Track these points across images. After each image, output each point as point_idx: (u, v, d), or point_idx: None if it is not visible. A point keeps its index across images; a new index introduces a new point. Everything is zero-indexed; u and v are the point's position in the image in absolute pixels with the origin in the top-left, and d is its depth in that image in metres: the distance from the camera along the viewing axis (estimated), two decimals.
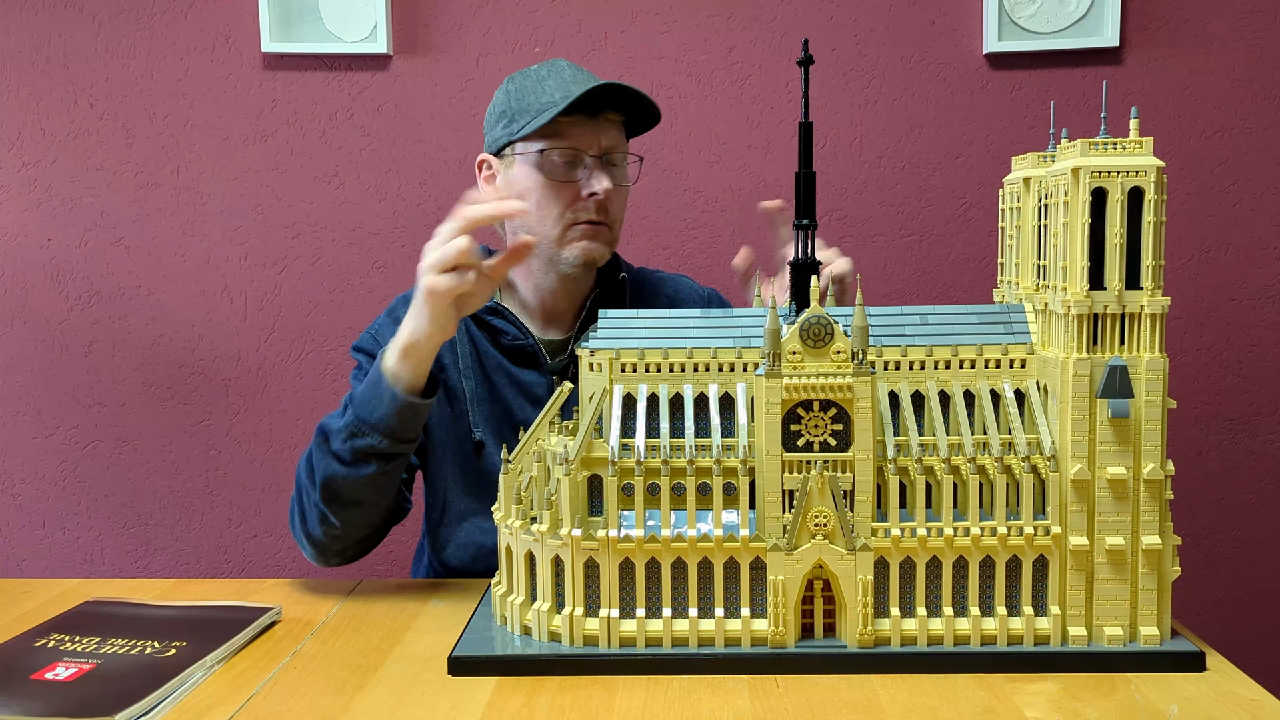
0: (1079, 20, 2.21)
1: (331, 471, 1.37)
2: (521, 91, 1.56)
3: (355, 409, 1.36)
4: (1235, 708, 1.03)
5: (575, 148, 1.51)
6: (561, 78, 1.55)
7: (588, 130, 1.52)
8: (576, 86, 1.52)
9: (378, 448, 1.35)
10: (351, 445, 1.36)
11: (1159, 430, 1.11)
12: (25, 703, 1.07)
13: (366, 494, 1.39)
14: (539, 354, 1.59)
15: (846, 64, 2.27)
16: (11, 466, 2.42)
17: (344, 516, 1.40)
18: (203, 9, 2.30)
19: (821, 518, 1.11)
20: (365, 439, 1.35)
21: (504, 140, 1.55)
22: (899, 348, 1.20)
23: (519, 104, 1.54)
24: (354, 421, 1.35)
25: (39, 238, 2.37)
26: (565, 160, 1.52)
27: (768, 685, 1.09)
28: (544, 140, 1.51)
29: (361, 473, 1.37)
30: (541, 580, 1.17)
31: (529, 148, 1.53)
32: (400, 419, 1.35)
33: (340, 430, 1.36)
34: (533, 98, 1.54)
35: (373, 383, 1.36)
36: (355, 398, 1.37)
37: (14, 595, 1.43)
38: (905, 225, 2.30)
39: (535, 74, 1.57)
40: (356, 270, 2.35)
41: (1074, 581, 1.13)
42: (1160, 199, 1.11)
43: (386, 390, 1.34)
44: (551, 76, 1.56)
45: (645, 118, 1.60)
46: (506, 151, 1.56)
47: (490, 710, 1.05)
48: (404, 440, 1.37)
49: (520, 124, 1.53)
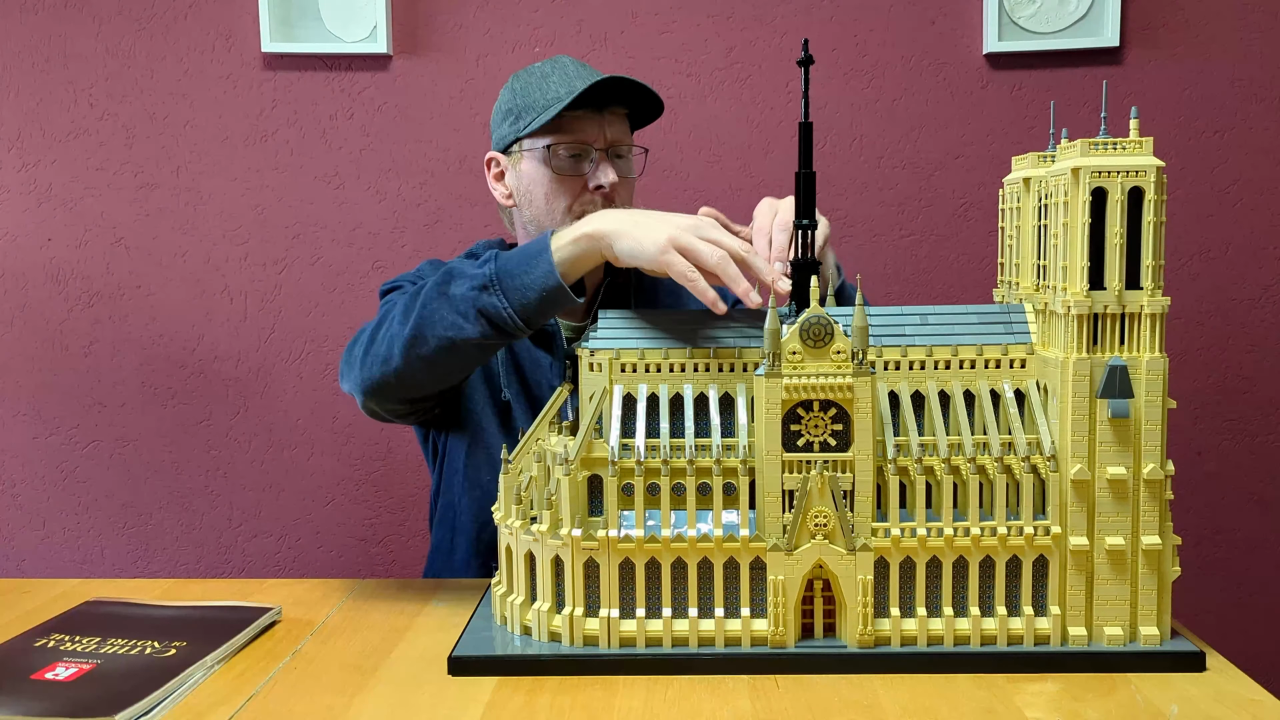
0: (1079, 20, 2.21)
1: (438, 314, 1.29)
2: (526, 89, 1.57)
3: (501, 264, 1.27)
4: (1235, 708, 1.03)
5: (581, 142, 1.53)
6: (565, 73, 1.57)
7: (593, 124, 1.54)
8: (580, 81, 1.54)
9: (500, 313, 1.25)
10: (477, 297, 1.26)
11: (1159, 430, 1.11)
12: (25, 703, 1.07)
13: (450, 357, 1.31)
14: (558, 336, 1.61)
15: (846, 64, 2.27)
16: (11, 466, 2.42)
17: (413, 366, 1.32)
18: (203, 9, 2.30)
19: (821, 518, 1.11)
20: (494, 298, 1.26)
21: (511, 137, 1.57)
22: (899, 348, 1.20)
23: (524, 101, 1.56)
24: (494, 275, 1.26)
25: (39, 238, 2.37)
26: (571, 154, 1.54)
27: (768, 685, 1.09)
28: (550, 136, 1.53)
29: (465, 330, 1.27)
30: (541, 580, 1.17)
31: (535, 144, 1.55)
32: (543, 298, 1.25)
33: (473, 276, 1.27)
34: (538, 94, 1.55)
35: (530, 251, 1.27)
36: (503, 258, 1.27)
37: (14, 595, 1.43)
38: (905, 225, 2.30)
39: (539, 71, 1.59)
40: (356, 270, 2.35)
41: (1074, 581, 1.13)
42: (1160, 199, 1.11)
43: (544, 263, 1.24)
44: (556, 73, 1.57)
45: (649, 110, 1.62)
46: (514, 148, 1.58)
47: (490, 710, 1.05)
48: (524, 321, 1.26)
49: (526, 120, 1.55)
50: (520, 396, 1.60)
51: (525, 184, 1.58)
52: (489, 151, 1.64)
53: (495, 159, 1.63)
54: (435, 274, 1.34)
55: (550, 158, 1.54)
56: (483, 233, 2.28)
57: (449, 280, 1.31)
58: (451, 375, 1.41)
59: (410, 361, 1.33)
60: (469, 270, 1.29)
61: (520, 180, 1.58)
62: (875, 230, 2.30)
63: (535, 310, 1.27)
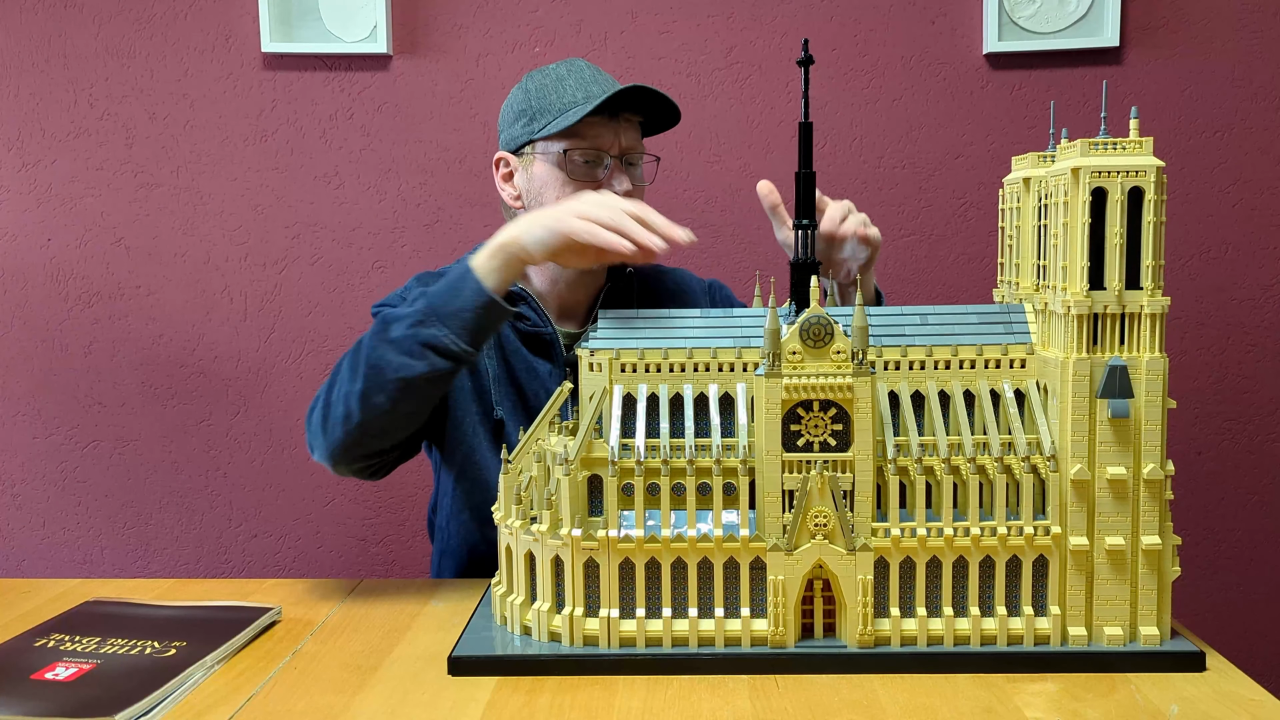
0: (1079, 20, 2.21)
1: (384, 360, 1.31)
2: (542, 90, 1.56)
3: (429, 299, 1.32)
4: (1235, 708, 1.03)
5: (596, 148, 1.53)
6: (581, 77, 1.56)
7: (608, 131, 1.53)
8: (597, 87, 1.54)
9: (443, 342, 1.29)
10: (415, 334, 1.30)
11: (1159, 430, 1.11)
12: (25, 703, 1.07)
13: (413, 394, 1.33)
14: (556, 344, 1.60)
15: (846, 64, 2.27)
16: (11, 466, 2.42)
17: (374, 416, 1.33)
18: (203, 9, 2.30)
19: (821, 518, 1.11)
20: (433, 329, 1.29)
21: (524, 138, 1.56)
22: (899, 348, 1.20)
23: (539, 103, 1.55)
24: (426, 309, 1.30)
25: (39, 238, 2.37)
26: (586, 160, 1.53)
27: (768, 685, 1.09)
28: (565, 140, 1.53)
29: (415, 367, 1.30)
30: (541, 580, 1.17)
31: (550, 147, 1.54)
32: (478, 315, 1.30)
33: (407, 317, 1.31)
34: (554, 97, 1.55)
35: (454, 278, 1.32)
36: (430, 291, 1.33)
37: (14, 595, 1.43)
38: (905, 225, 2.30)
39: (554, 73, 1.58)
40: (356, 270, 2.35)
41: (1074, 581, 1.13)
42: (1160, 199, 1.11)
43: (471, 283, 1.30)
44: (571, 76, 1.57)
45: (663, 119, 1.61)
46: (526, 150, 1.57)
47: (490, 710, 1.05)
48: (471, 344, 1.31)
49: (541, 123, 1.54)
50: (516, 411, 1.58)
51: (537, 186, 1.56)
52: (498, 151, 1.63)
53: (505, 159, 1.61)
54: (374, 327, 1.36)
55: (565, 162, 1.53)
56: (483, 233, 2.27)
57: (386, 327, 1.34)
58: (412, 418, 1.39)
59: (369, 412, 1.34)
60: (402, 313, 1.33)
61: (531, 182, 1.57)
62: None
63: (474, 329, 1.31)
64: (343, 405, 1.35)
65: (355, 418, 1.34)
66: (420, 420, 1.41)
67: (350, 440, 1.37)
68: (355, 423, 1.34)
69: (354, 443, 1.37)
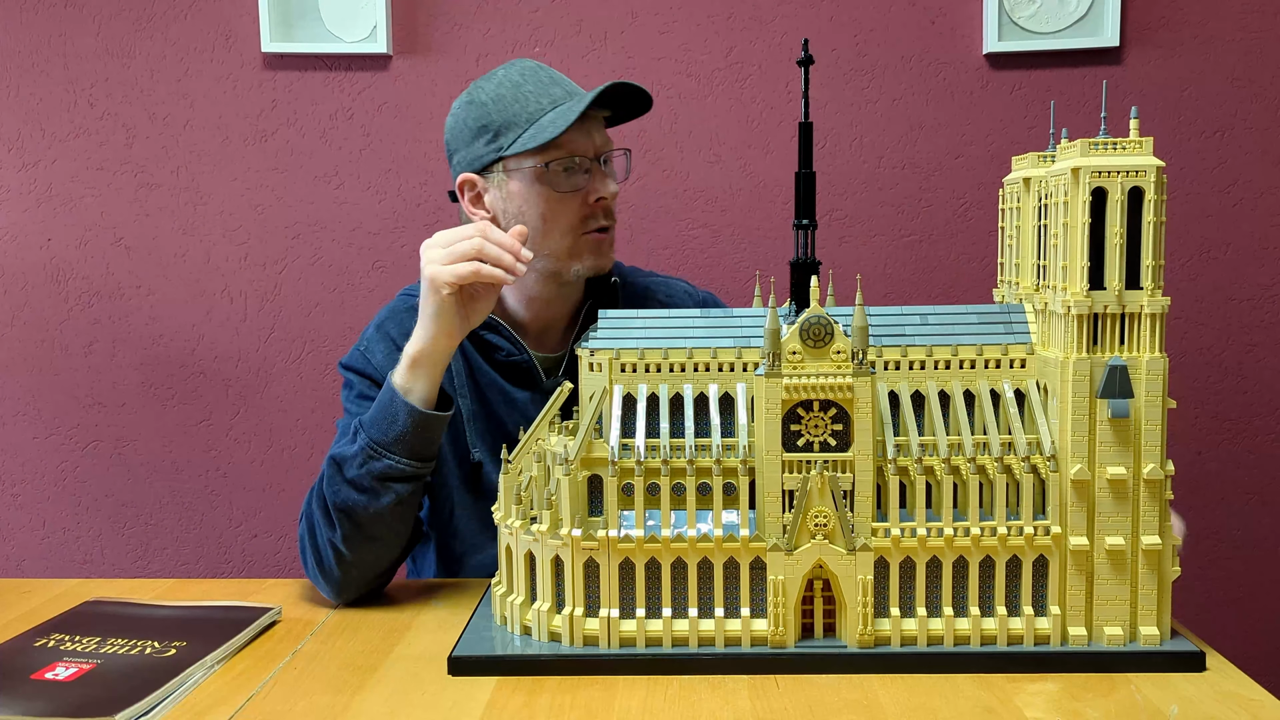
0: (1079, 20, 2.21)
1: (350, 502, 1.32)
2: (501, 102, 1.47)
3: (367, 431, 1.31)
4: (1235, 708, 1.03)
5: (574, 154, 1.46)
6: (538, 81, 1.49)
7: (581, 134, 1.46)
8: (559, 89, 1.47)
9: (397, 469, 1.31)
10: (369, 470, 1.30)
11: (1159, 430, 1.11)
12: (25, 703, 1.07)
13: (387, 524, 1.34)
14: (535, 371, 1.55)
15: (846, 64, 2.27)
16: (11, 466, 2.42)
17: (364, 551, 1.34)
18: (203, 9, 2.30)
19: (821, 518, 1.11)
20: (383, 460, 1.30)
21: (491, 156, 1.47)
22: (899, 348, 1.20)
23: (503, 116, 1.47)
24: (368, 444, 1.31)
25: (39, 238, 2.37)
26: (565, 169, 1.46)
27: (768, 685, 1.09)
28: (541, 153, 1.45)
29: (382, 500, 1.32)
30: (541, 580, 1.17)
31: (524, 163, 1.46)
32: (417, 434, 1.31)
33: (355, 456, 1.31)
34: (518, 108, 1.46)
35: (384, 402, 1.32)
36: (366, 421, 1.32)
37: (14, 595, 1.43)
38: (905, 225, 2.30)
39: (508, 80, 1.49)
40: (356, 270, 2.35)
41: (1074, 581, 1.13)
42: (1160, 199, 1.11)
43: (400, 405, 1.30)
44: (527, 81, 1.48)
45: (631, 109, 1.55)
46: (495, 168, 1.48)
47: (490, 710, 1.05)
48: (423, 458, 1.33)
49: (511, 138, 1.46)
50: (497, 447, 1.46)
51: (516, 205, 1.47)
52: (458, 174, 1.52)
53: (471, 181, 1.51)
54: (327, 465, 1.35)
55: (546, 175, 1.45)
56: None
57: (339, 469, 1.33)
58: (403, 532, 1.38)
59: (360, 550, 1.34)
60: (348, 452, 1.32)
61: (509, 202, 1.48)
62: (875, 230, 2.30)
63: (423, 444, 1.33)
64: (331, 551, 1.34)
65: (348, 555, 1.33)
66: (407, 533, 1.39)
67: (355, 576, 1.36)
68: (351, 562, 1.34)
69: (360, 575, 1.36)
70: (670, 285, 1.68)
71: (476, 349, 1.55)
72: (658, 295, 1.66)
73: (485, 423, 1.54)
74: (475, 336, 1.54)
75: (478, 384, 1.55)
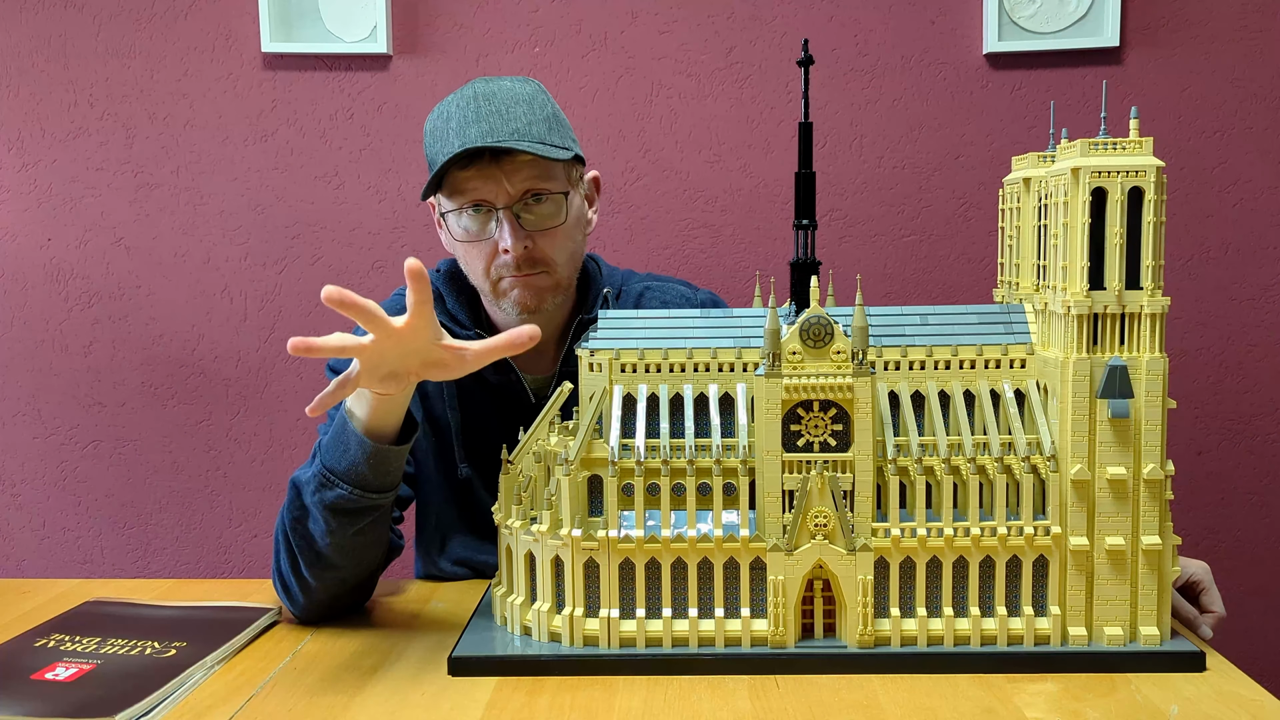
0: (1079, 20, 2.21)
1: (306, 530, 1.27)
2: (432, 134, 1.43)
3: (322, 456, 1.25)
4: (1235, 708, 1.03)
5: (481, 201, 1.38)
6: (464, 118, 1.39)
7: (490, 181, 1.37)
8: (475, 129, 1.37)
9: (349, 499, 1.23)
10: (321, 498, 1.24)
11: (1159, 430, 1.11)
12: (25, 703, 1.07)
13: (346, 554, 1.28)
14: (524, 393, 1.52)
15: (846, 64, 2.27)
16: (11, 466, 2.42)
17: (325, 579, 1.29)
18: (203, 9, 2.30)
19: (821, 518, 1.11)
20: (335, 490, 1.23)
21: (429, 190, 1.43)
22: (899, 348, 1.20)
23: (430, 151, 1.43)
24: (322, 471, 1.24)
25: (39, 238, 2.37)
26: (473, 217, 1.39)
27: (768, 685, 1.09)
28: (449, 198, 1.40)
29: (335, 527, 1.25)
30: (541, 580, 1.17)
31: (441, 204, 1.43)
32: (371, 467, 1.22)
33: (309, 481, 1.25)
34: (437, 146, 1.40)
35: (339, 428, 1.24)
36: (323, 445, 1.26)
37: (14, 595, 1.43)
38: (905, 225, 2.30)
39: (443, 111, 1.43)
40: (356, 270, 2.35)
41: (1074, 581, 1.13)
42: (1160, 199, 1.11)
43: (352, 436, 1.22)
44: (455, 116, 1.40)
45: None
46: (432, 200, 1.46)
47: (490, 710, 1.05)
48: (378, 490, 1.25)
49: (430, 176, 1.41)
50: (486, 467, 1.46)
51: (447, 240, 1.46)
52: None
53: (431, 205, 1.49)
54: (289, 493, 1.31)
55: (448, 223, 1.41)
56: None
57: (298, 493, 1.28)
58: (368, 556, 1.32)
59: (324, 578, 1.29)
60: (305, 476, 1.26)
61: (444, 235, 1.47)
62: (875, 230, 2.30)
63: (378, 476, 1.24)
64: (295, 579, 1.30)
65: (310, 580, 1.29)
66: (375, 557, 1.34)
67: (323, 603, 1.32)
68: (314, 588, 1.30)
69: (324, 602, 1.32)
70: (666, 289, 1.63)
71: None
72: (653, 301, 1.61)
73: (476, 438, 1.52)
74: None
75: (466, 401, 1.53)
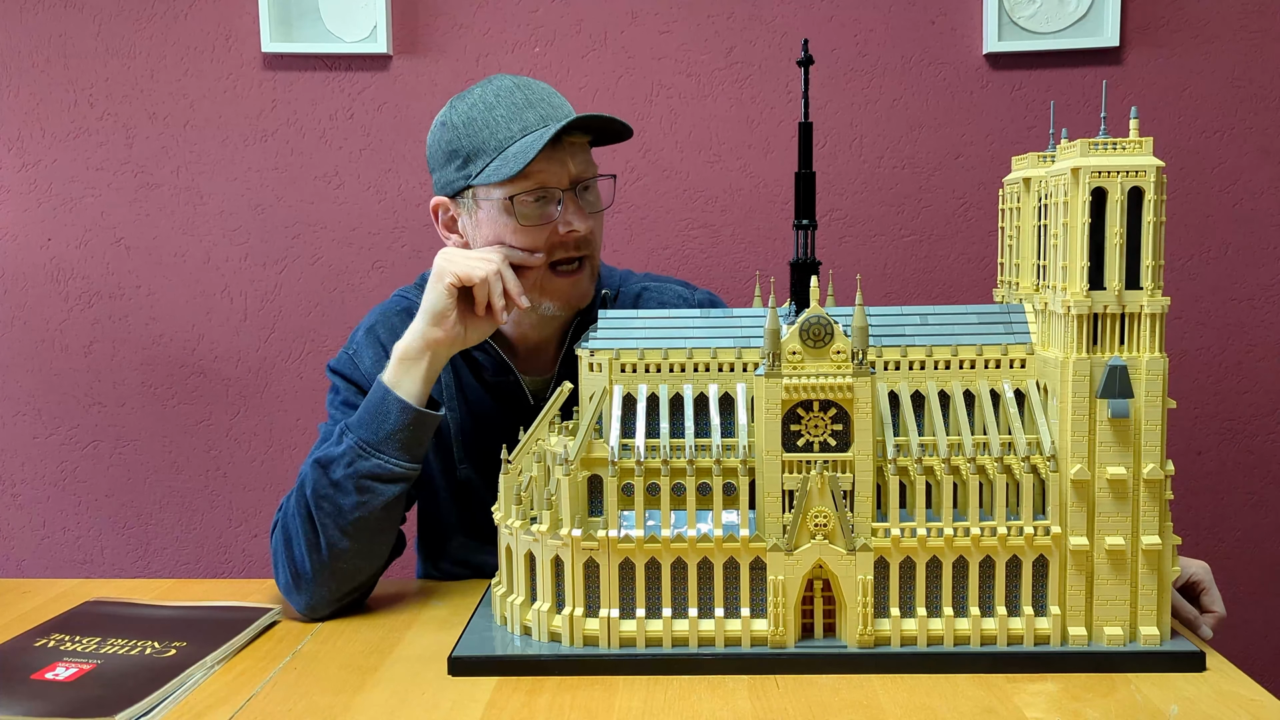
0: (1079, 20, 2.21)
1: (336, 505, 1.29)
2: (471, 126, 1.42)
3: (356, 431, 1.30)
4: (1235, 708, 1.03)
5: (544, 185, 1.39)
6: (512, 103, 1.41)
7: (554, 163, 1.38)
8: (532, 113, 1.40)
9: (386, 468, 1.29)
10: (356, 470, 1.28)
11: (1159, 430, 1.11)
12: (25, 703, 1.07)
13: (373, 529, 1.31)
14: (522, 393, 1.52)
15: (846, 64, 2.27)
16: (11, 466, 2.42)
17: (346, 559, 1.30)
18: (203, 9, 2.30)
19: (821, 518, 1.11)
20: (372, 460, 1.28)
21: (461, 183, 1.43)
22: (899, 348, 1.20)
23: (472, 142, 1.41)
24: (357, 444, 1.29)
25: (39, 238, 2.37)
26: (535, 200, 1.39)
27: (768, 685, 1.09)
28: (509, 184, 1.38)
29: (370, 502, 1.29)
30: (541, 580, 1.17)
31: (492, 193, 1.40)
32: (410, 432, 1.29)
33: (342, 456, 1.29)
34: (486, 134, 1.40)
35: (374, 401, 1.31)
36: (353, 423, 1.30)
37: (14, 595, 1.43)
38: (905, 225, 2.30)
39: (481, 101, 1.43)
40: (356, 270, 2.35)
41: (1074, 581, 1.13)
42: (1160, 199, 1.11)
43: (393, 402, 1.29)
44: (501, 104, 1.42)
45: (613, 134, 1.47)
46: (466, 194, 1.43)
47: (490, 710, 1.05)
48: (413, 459, 1.31)
49: (479, 166, 1.40)
50: (486, 467, 1.46)
51: (486, 233, 1.42)
52: (433, 197, 1.48)
53: (444, 205, 1.46)
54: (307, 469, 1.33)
55: (513, 208, 1.39)
56: None
57: (324, 471, 1.30)
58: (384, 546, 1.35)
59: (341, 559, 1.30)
60: (335, 453, 1.30)
61: (479, 229, 1.43)
62: (875, 230, 2.30)
63: (411, 445, 1.31)
64: (310, 560, 1.30)
65: (330, 567, 1.30)
66: (391, 542, 1.36)
67: (335, 589, 1.32)
68: (332, 571, 1.31)
69: (340, 588, 1.33)
70: (664, 289, 1.63)
71: (466, 365, 1.53)
72: (651, 302, 1.60)
73: (475, 439, 1.53)
74: (465, 354, 1.51)
75: (467, 399, 1.53)
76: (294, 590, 1.33)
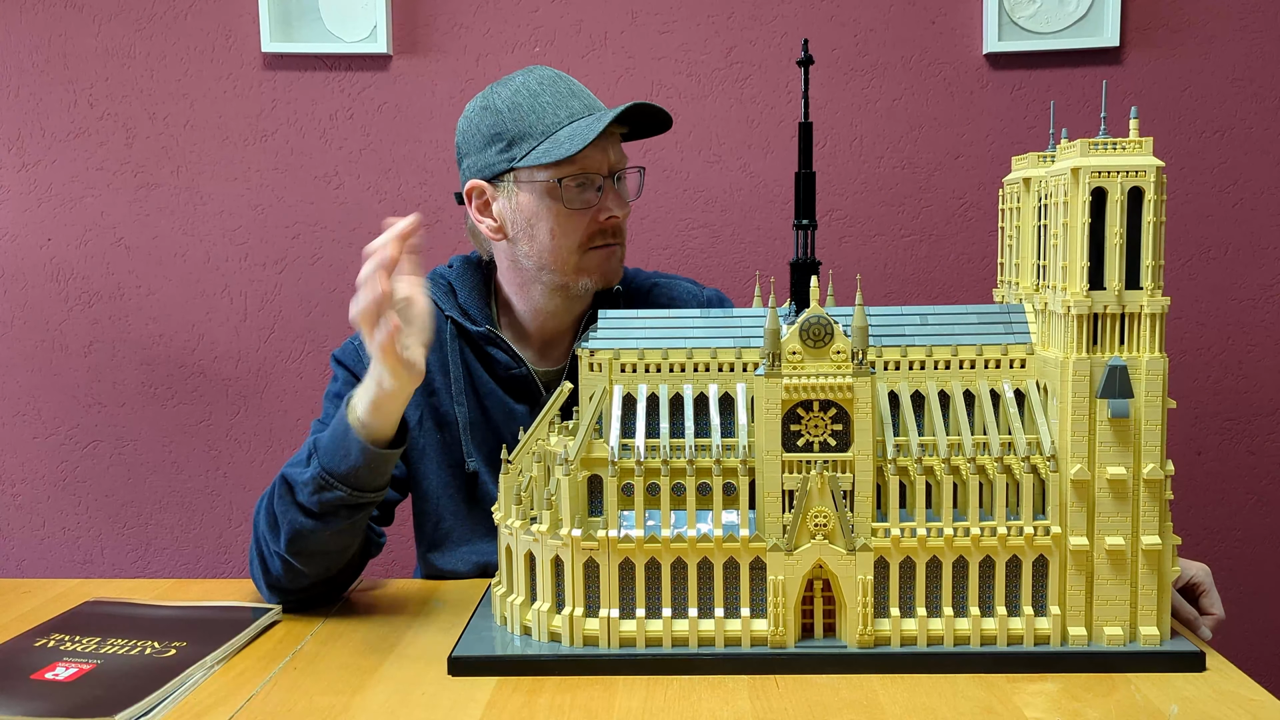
0: (1079, 20, 2.21)
1: (299, 524, 1.30)
2: (517, 111, 1.45)
3: (320, 459, 1.29)
4: (1235, 708, 1.03)
5: (586, 171, 1.45)
6: (557, 92, 1.47)
7: (596, 151, 1.44)
8: (578, 102, 1.46)
9: (346, 499, 1.29)
10: (319, 499, 1.29)
11: (1159, 430, 1.11)
12: (25, 703, 1.07)
13: (335, 544, 1.33)
14: (534, 384, 1.54)
15: (846, 64, 2.27)
16: (11, 466, 2.42)
17: (311, 565, 1.33)
18: (203, 9, 2.30)
19: (821, 518, 1.11)
20: (333, 492, 1.28)
21: (503, 166, 1.46)
22: (899, 348, 1.20)
23: (518, 126, 1.45)
24: (320, 474, 1.28)
25: (39, 238, 2.37)
26: (579, 185, 1.45)
27: (768, 685, 1.09)
28: (555, 167, 1.43)
29: (330, 525, 1.30)
30: (541, 580, 1.17)
31: (536, 176, 1.45)
32: (369, 470, 1.29)
33: (307, 483, 1.29)
34: (534, 119, 1.45)
35: (339, 433, 1.29)
36: (320, 447, 1.30)
37: (14, 595, 1.43)
38: (905, 225, 2.30)
39: (526, 89, 1.47)
40: (356, 270, 2.33)
41: (1074, 581, 1.13)
42: (1160, 199, 1.11)
43: (354, 442, 1.27)
44: (545, 92, 1.46)
45: (649, 127, 1.53)
46: (506, 177, 1.47)
47: (490, 710, 1.05)
48: (373, 490, 1.31)
49: (525, 149, 1.44)
50: (493, 458, 1.48)
51: (525, 217, 1.46)
52: (466, 179, 1.51)
53: (480, 188, 1.49)
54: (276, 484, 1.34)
55: (559, 191, 1.44)
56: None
57: (290, 490, 1.31)
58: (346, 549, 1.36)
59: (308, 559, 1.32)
60: (300, 477, 1.30)
61: (518, 213, 1.47)
62: (875, 230, 2.30)
63: (374, 478, 1.30)
64: (278, 561, 1.33)
65: (298, 567, 1.33)
66: (362, 535, 1.38)
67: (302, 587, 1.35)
68: (301, 572, 1.33)
69: (309, 585, 1.35)
70: (674, 286, 1.66)
71: (478, 359, 1.54)
72: (659, 300, 1.63)
73: (484, 432, 1.54)
74: (476, 348, 1.54)
75: (477, 393, 1.54)
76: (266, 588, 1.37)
